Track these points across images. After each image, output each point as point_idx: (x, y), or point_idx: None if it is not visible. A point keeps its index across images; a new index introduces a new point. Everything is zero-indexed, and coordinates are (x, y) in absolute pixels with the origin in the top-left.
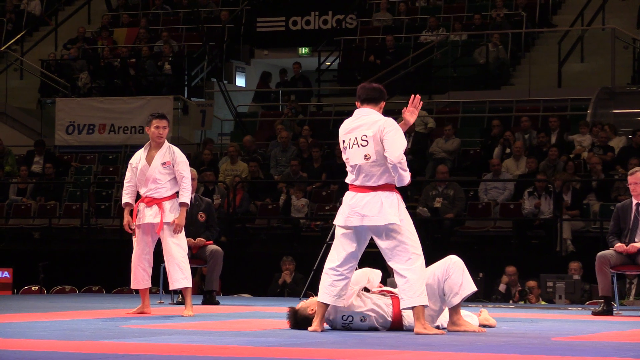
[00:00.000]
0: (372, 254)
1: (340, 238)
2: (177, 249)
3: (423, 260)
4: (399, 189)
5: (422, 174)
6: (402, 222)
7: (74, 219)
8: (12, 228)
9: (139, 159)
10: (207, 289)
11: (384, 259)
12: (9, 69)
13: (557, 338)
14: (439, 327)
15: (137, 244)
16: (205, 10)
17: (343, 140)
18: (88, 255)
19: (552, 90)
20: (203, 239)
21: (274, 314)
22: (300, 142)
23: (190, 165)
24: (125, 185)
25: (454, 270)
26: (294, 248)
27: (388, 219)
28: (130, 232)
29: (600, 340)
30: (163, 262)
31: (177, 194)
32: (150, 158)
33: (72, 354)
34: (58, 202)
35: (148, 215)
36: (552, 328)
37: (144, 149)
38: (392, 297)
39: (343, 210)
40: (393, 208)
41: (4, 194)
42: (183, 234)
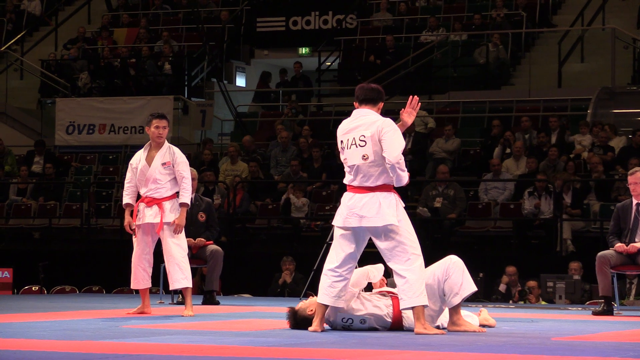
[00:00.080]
0: (371, 254)
1: (339, 239)
2: (177, 249)
3: (422, 261)
4: (398, 189)
5: (422, 174)
6: (400, 222)
7: (74, 219)
8: (12, 228)
9: (139, 160)
10: (207, 289)
11: (383, 260)
12: (9, 69)
13: (557, 338)
14: (439, 327)
15: (137, 244)
16: (205, 10)
17: (341, 141)
18: (88, 255)
19: (552, 90)
20: (203, 239)
21: (274, 314)
22: (301, 142)
23: (190, 165)
24: (126, 186)
25: (454, 271)
26: (294, 248)
27: (386, 220)
28: (131, 232)
29: (601, 340)
30: (163, 262)
31: (177, 194)
32: (150, 158)
33: (72, 354)
34: (58, 202)
35: (148, 215)
36: (552, 328)
37: (144, 149)
38: (392, 297)
39: (341, 211)
40: (391, 209)
41: (4, 194)
42: (183, 234)
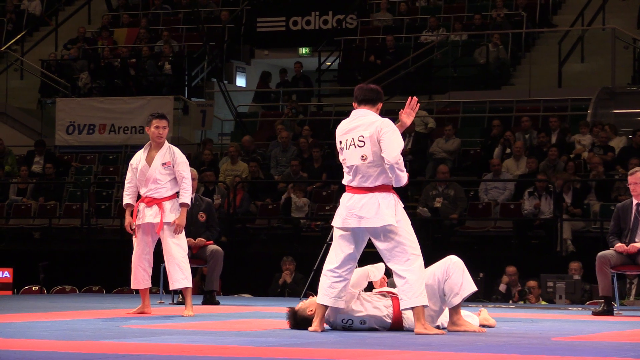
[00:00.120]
0: (371, 254)
1: (338, 240)
2: (177, 249)
3: (422, 261)
4: (398, 190)
5: (422, 174)
6: (399, 223)
7: (74, 219)
8: (12, 228)
9: (139, 160)
10: (207, 289)
11: (383, 260)
12: (10, 69)
13: (557, 338)
14: (439, 327)
15: (137, 244)
16: (206, 10)
17: (340, 141)
18: (88, 255)
19: (552, 90)
20: (203, 239)
21: (274, 314)
22: (301, 142)
23: (191, 165)
24: (126, 186)
25: (454, 271)
26: (294, 248)
27: (385, 221)
28: (132, 232)
29: (601, 340)
30: (163, 262)
31: (177, 194)
32: (151, 158)
33: (72, 354)
34: (58, 202)
35: (148, 215)
36: (552, 328)
37: (144, 150)
38: (392, 298)
39: (340, 212)
40: (390, 209)
41: (4, 194)
42: (183, 234)
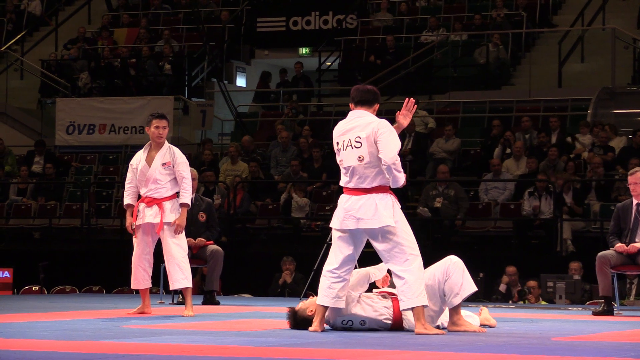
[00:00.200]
0: (371, 254)
1: (337, 241)
2: (177, 249)
3: (421, 261)
4: (397, 190)
5: (422, 174)
6: (397, 223)
7: (74, 219)
8: (12, 228)
9: (139, 160)
10: (207, 289)
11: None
12: (10, 69)
13: (557, 338)
14: (440, 327)
15: (137, 244)
16: (206, 11)
17: (337, 142)
18: (88, 256)
19: (552, 91)
20: (203, 239)
21: (274, 314)
22: (301, 142)
23: (191, 166)
24: (126, 187)
25: (454, 271)
26: (294, 248)
27: (383, 222)
28: (132, 233)
29: (601, 341)
30: (163, 262)
31: (177, 194)
32: (151, 159)
33: (72, 354)
34: (58, 202)
35: (148, 215)
36: (552, 328)
37: (144, 150)
38: (392, 299)
39: (338, 214)
40: (388, 210)
41: (4, 194)
42: (183, 234)
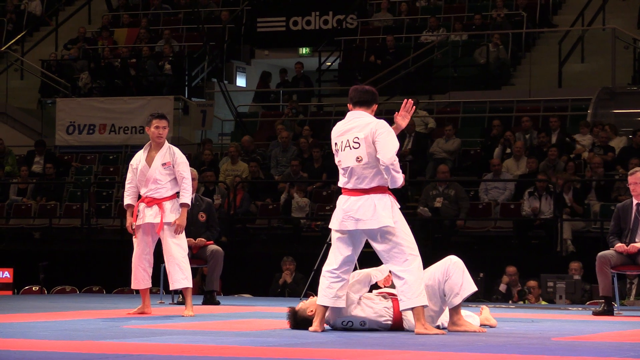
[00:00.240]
0: (369, 254)
1: (336, 242)
2: (177, 249)
3: (420, 261)
4: (397, 190)
5: (422, 174)
6: (396, 224)
7: (75, 219)
8: (12, 228)
9: (139, 160)
10: (207, 289)
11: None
12: (10, 69)
13: (557, 338)
14: (440, 327)
15: (137, 244)
16: (206, 11)
17: (335, 143)
18: (88, 256)
19: (552, 91)
20: (203, 239)
21: (275, 314)
22: (301, 142)
23: (191, 166)
24: (127, 187)
25: (454, 271)
26: (295, 248)
27: (382, 222)
28: (132, 233)
29: (601, 341)
30: (163, 262)
31: (177, 195)
32: (151, 159)
33: (72, 354)
34: (58, 202)
35: (148, 215)
36: (552, 328)
37: (144, 150)
38: (393, 299)
39: (337, 215)
40: (387, 210)
41: (5, 194)
42: (183, 234)
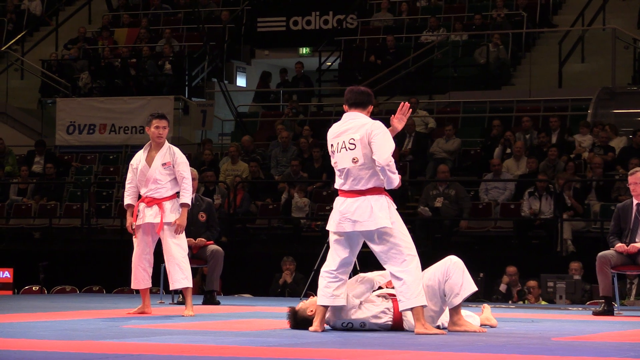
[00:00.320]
0: (369, 254)
1: (334, 244)
2: (177, 249)
3: (418, 261)
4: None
5: (422, 174)
6: (393, 224)
7: (75, 219)
8: (12, 228)
9: (139, 160)
10: (207, 289)
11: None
12: (10, 69)
13: (557, 338)
14: (440, 327)
15: (137, 244)
16: (206, 10)
17: (331, 145)
18: (88, 255)
19: (552, 91)
20: (204, 239)
21: (275, 314)
22: (301, 142)
23: (191, 165)
24: (127, 187)
25: (454, 271)
26: (295, 248)
27: (379, 223)
28: (133, 233)
29: (601, 341)
30: (163, 262)
31: (177, 194)
32: (151, 159)
33: (72, 354)
34: (58, 202)
35: (148, 215)
36: (552, 328)
37: (144, 150)
38: (393, 300)
39: (334, 216)
40: (383, 211)
41: (5, 194)
42: (183, 234)
